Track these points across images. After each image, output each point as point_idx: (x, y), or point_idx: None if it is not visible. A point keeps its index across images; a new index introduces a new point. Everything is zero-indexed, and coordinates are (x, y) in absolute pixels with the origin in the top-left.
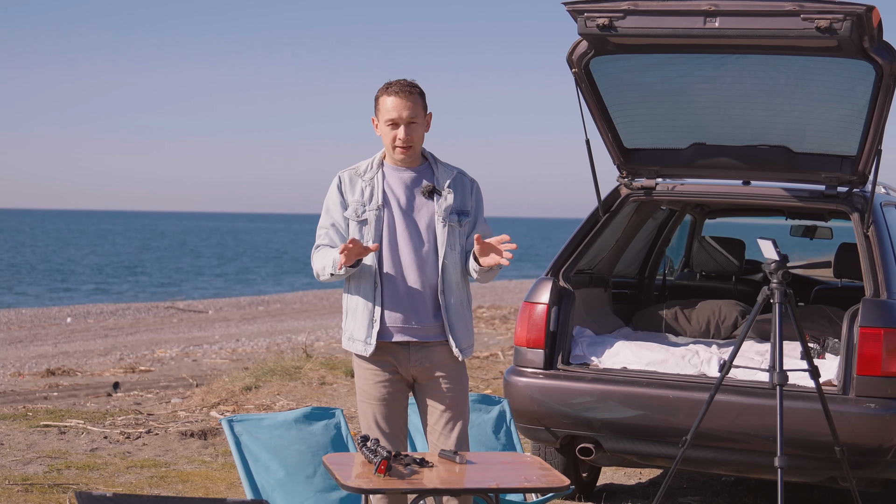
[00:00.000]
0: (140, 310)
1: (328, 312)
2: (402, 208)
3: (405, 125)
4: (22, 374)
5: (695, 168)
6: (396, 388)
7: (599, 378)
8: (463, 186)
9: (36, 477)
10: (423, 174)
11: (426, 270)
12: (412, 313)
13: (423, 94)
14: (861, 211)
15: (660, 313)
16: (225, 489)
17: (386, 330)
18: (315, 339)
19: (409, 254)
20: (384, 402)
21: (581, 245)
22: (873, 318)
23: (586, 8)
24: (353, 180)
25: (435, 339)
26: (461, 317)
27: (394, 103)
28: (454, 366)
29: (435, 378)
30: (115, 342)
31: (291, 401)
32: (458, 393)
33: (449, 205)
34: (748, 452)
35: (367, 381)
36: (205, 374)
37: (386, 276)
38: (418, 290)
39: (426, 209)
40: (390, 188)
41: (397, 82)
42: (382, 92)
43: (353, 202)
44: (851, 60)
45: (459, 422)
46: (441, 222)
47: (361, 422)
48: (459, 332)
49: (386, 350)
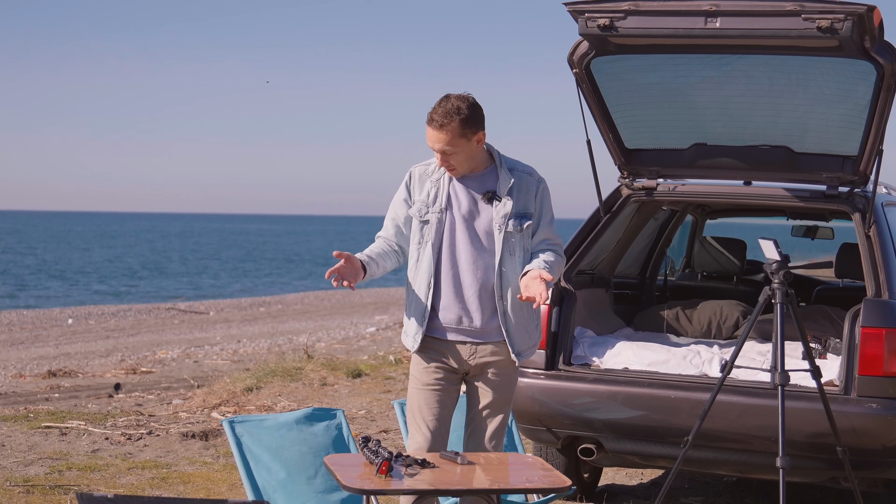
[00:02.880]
0: (141, 311)
1: (329, 313)
2: (462, 213)
3: (440, 154)
4: (23, 375)
5: (696, 168)
6: (447, 378)
7: (601, 378)
8: (527, 188)
9: (37, 478)
10: (487, 178)
11: (484, 275)
12: (465, 315)
13: (468, 118)
14: (862, 211)
15: (661, 314)
16: (226, 490)
17: (439, 328)
18: (316, 339)
19: (466, 257)
20: (432, 390)
21: (582, 246)
22: (875, 318)
23: (587, 8)
24: (423, 179)
25: (491, 338)
26: (520, 321)
27: (429, 134)
28: (507, 367)
29: (486, 373)
30: (117, 343)
31: (293, 402)
32: (503, 392)
33: (507, 211)
34: (750, 453)
35: (418, 367)
36: (206, 376)
37: (443, 277)
38: (473, 293)
39: (486, 214)
40: (455, 191)
41: (439, 109)
42: (428, 115)
43: (418, 201)
44: (852, 60)
45: (497, 418)
46: (498, 229)
47: (408, 407)
48: (517, 335)
49: (441, 345)
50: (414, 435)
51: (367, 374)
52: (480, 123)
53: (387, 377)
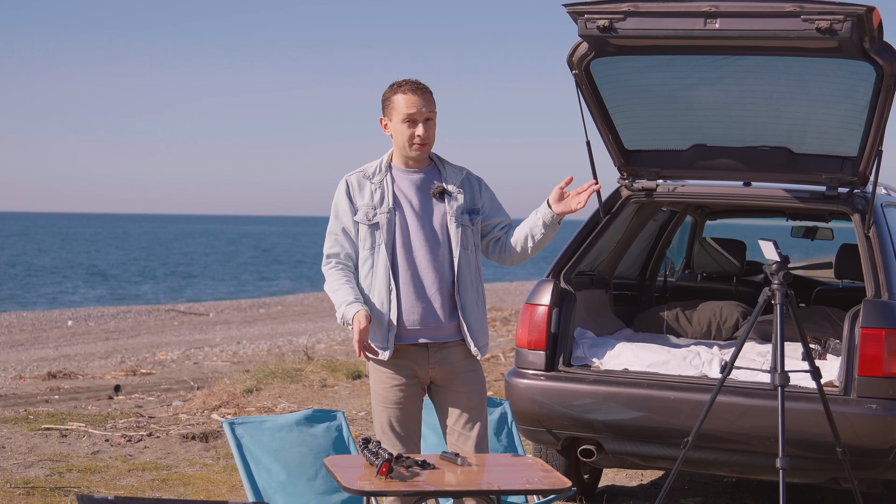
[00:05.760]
0: (141, 313)
1: (329, 314)
2: (413, 210)
3: (423, 121)
4: (23, 377)
5: (695, 169)
6: (412, 392)
7: (601, 380)
8: (471, 186)
9: (37, 480)
10: (431, 175)
11: (441, 271)
12: (429, 315)
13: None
14: (862, 212)
15: (661, 315)
16: (226, 492)
17: (404, 333)
18: (316, 341)
19: (423, 255)
20: (400, 406)
21: (582, 247)
22: (874, 319)
23: (586, 9)
24: (362, 183)
25: (452, 338)
26: (476, 315)
27: (411, 101)
28: (472, 366)
29: (453, 378)
30: (117, 345)
31: (293, 403)
32: (476, 393)
33: (460, 205)
34: (750, 454)
35: (382, 385)
36: (206, 377)
37: (401, 278)
38: (434, 291)
39: (437, 210)
40: (400, 190)
41: (408, 81)
42: (395, 91)
43: (362, 206)
44: (852, 61)
45: (479, 422)
46: (454, 223)
47: (376, 425)
48: (476, 330)
49: (404, 353)
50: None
51: (366, 375)
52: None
53: None
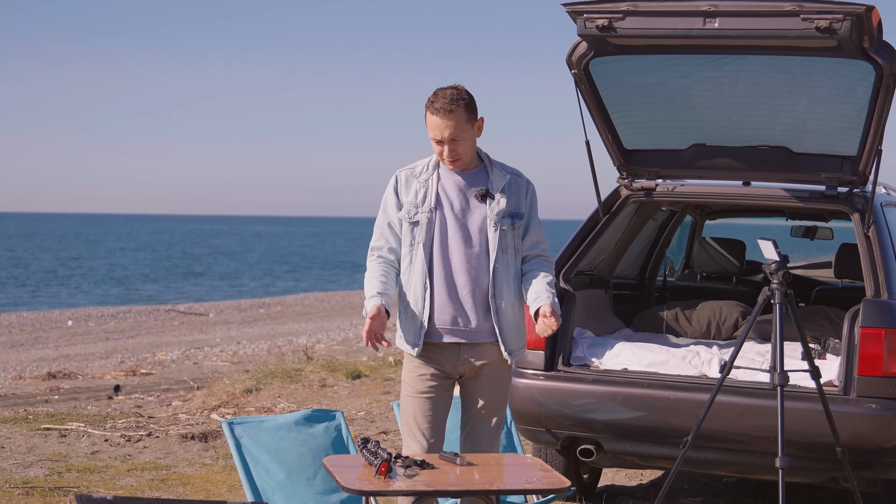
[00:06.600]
0: (141, 313)
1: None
2: (454, 211)
3: (448, 143)
4: (23, 377)
5: (695, 169)
6: (440, 385)
7: (600, 379)
8: (518, 189)
9: (37, 480)
10: (477, 177)
11: (477, 273)
12: (461, 316)
13: (469, 104)
14: (861, 211)
15: (660, 314)
16: (226, 492)
17: (435, 331)
18: (316, 341)
19: (459, 256)
20: (426, 397)
21: (581, 246)
22: (874, 319)
23: (586, 9)
24: (409, 181)
25: (485, 339)
26: (512, 319)
27: (435, 124)
28: (501, 366)
29: (480, 375)
30: (116, 345)
31: (292, 403)
32: (498, 393)
33: (501, 209)
34: (749, 453)
35: (411, 374)
36: (205, 377)
37: (436, 278)
38: (467, 293)
39: (478, 212)
40: (444, 190)
41: (441, 97)
42: (427, 106)
43: (406, 203)
44: (851, 60)
45: (495, 417)
46: (493, 226)
47: (401, 418)
48: (509, 334)
49: (435, 349)
50: (409, 444)
51: (366, 375)
52: (477, 110)
53: (386, 378)
